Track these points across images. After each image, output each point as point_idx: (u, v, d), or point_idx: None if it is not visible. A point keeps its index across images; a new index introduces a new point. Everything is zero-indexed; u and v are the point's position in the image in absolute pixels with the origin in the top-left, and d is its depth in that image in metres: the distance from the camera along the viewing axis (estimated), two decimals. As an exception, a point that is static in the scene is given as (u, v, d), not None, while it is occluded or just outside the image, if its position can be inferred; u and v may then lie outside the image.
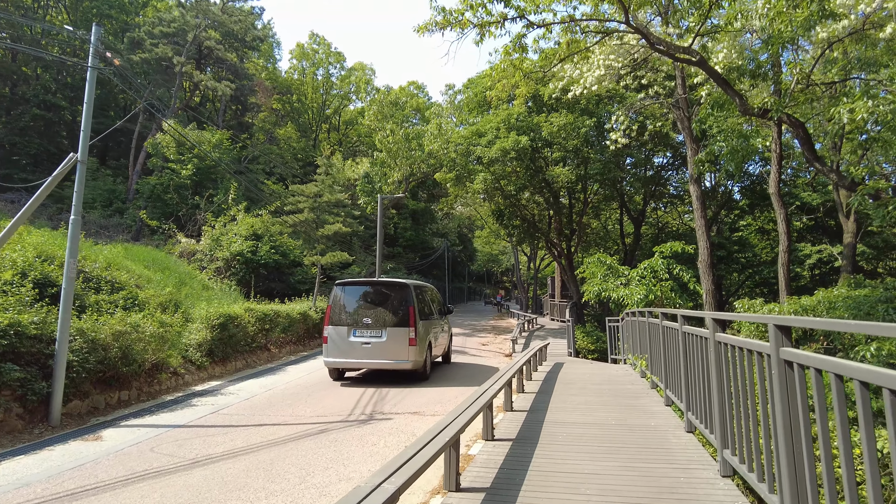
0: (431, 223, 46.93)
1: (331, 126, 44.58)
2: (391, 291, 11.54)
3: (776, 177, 14.35)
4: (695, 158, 10.42)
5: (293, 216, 18.96)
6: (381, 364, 10.77)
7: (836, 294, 11.51)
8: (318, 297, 20.31)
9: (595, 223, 32.16)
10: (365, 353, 10.72)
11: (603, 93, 21.54)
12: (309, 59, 41.97)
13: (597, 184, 24.81)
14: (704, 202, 17.92)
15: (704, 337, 5.19)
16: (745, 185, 28.72)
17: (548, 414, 6.92)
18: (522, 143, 20.19)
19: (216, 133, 27.27)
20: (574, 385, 9.40)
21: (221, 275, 21.55)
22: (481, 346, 20.38)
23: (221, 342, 12.54)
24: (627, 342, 13.15)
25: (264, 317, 14.83)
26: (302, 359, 15.22)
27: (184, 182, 25.63)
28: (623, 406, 7.46)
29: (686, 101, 17.72)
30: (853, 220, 18.99)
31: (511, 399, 7.35)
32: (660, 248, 15.12)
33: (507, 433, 5.96)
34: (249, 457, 5.99)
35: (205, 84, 28.83)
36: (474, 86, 24.82)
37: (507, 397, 7.29)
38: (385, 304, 11.27)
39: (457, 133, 22.27)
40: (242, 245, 21.27)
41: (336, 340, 10.97)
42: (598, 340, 21.10)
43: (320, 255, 18.65)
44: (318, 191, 19.24)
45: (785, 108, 8.68)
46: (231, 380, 11.59)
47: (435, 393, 9.93)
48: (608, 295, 15.84)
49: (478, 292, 73.45)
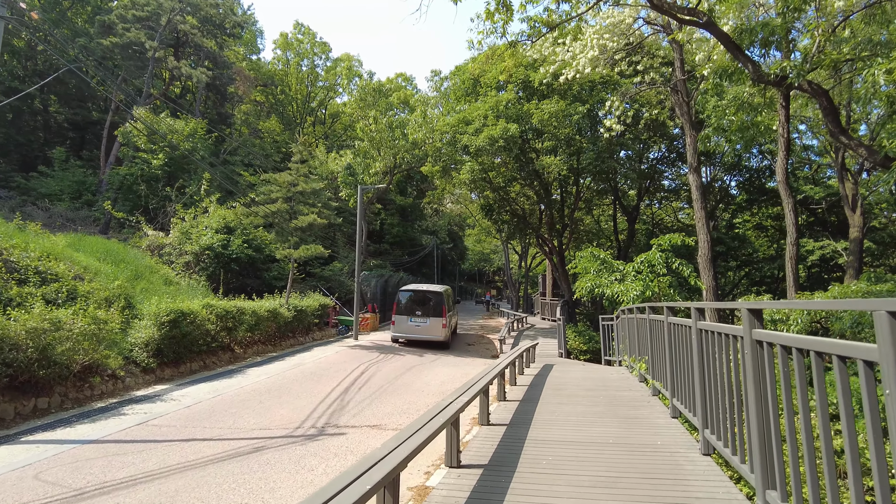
0: (420, 220, 45.66)
1: (316, 119, 43.13)
2: (432, 296, 18.48)
3: (783, 163, 13.24)
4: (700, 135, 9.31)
5: (265, 206, 17.63)
6: (425, 338, 17.88)
7: (854, 289, 10.43)
8: (291, 294, 19.02)
9: (588, 219, 31.05)
10: (417, 331, 18.00)
11: (597, 78, 20.45)
12: (293, 49, 40.53)
13: (589, 177, 23.68)
14: (705, 192, 16.83)
15: (731, 335, 3.99)
16: (742, 179, 27.74)
17: (532, 429, 5.72)
18: (511, 130, 19.00)
19: (190, 122, 25.86)
20: (564, 391, 8.22)
21: (190, 270, 20.22)
22: (468, 346, 19.20)
23: (173, 341, 11.24)
24: (623, 342, 12.00)
25: (226, 314, 13.53)
26: (269, 360, 13.94)
27: (155, 173, 24.22)
28: (621, 418, 6.28)
29: (685, 85, 16.63)
30: (860, 213, 17.95)
31: (488, 410, 6.14)
32: (657, 240, 13.98)
33: (479, 456, 4.75)
34: (152, 486, 4.74)
35: (179, 71, 27.38)
36: (461, 73, 23.59)
37: (484, 408, 6.08)
38: (428, 303, 18.35)
39: (442, 121, 21.02)
40: (213, 238, 19.94)
41: (399, 323, 18.28)
42: (591, 340, 19.98)
43: (293, 248, 17.32)
44: (292, 179, 17.90)
45: (807, 74, 7.54)
46: (181, 383, 10.31)
47: (403, 402, 8.72)
48: (602, 291, 14.67)
49: (469, 291, 72.18)
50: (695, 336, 4.81)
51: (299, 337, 18.12)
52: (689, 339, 5.11)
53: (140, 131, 24.31)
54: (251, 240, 20.90)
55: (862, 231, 17.96)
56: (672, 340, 6.17)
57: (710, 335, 4.44)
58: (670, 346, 6.23)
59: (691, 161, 16.03)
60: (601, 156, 20.52)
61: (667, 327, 6.32)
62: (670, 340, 6.22)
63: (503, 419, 6.21)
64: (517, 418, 6.27)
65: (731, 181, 27.89)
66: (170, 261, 20.31)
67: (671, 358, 6.17)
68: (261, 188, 18.49)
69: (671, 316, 6.31)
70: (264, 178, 18.73)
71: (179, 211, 21.48)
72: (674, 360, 6.09)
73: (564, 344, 17.41)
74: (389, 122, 21.52)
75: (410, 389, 9.55)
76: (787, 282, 13.13)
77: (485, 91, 21.86)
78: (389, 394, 9.17)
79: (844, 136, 7.62)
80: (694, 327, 4.84)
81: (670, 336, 6.23)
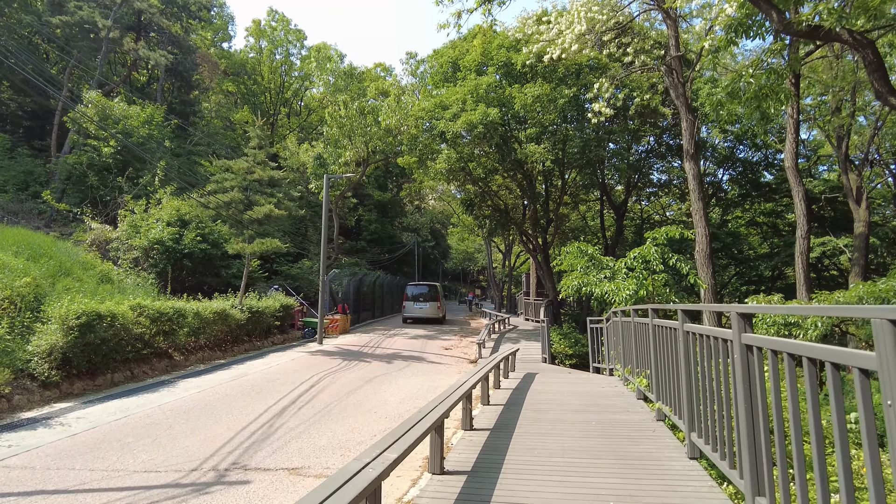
0: (401, 217, 43.90)
1: (291, 110, 41.10)
2: (430, 289, 26.12)
3: (793, 147, 11.85)
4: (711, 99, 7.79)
5: (215, 197, 15.84)
6: (427, 316, 25.24)
7: (883, 287, 9.00)
8: (249, 293, 17.25)
9: (573, 215, 29.62)
10: (420, 312, 25.17)
11: (584, 61, 18.97)
12: (267, 37, 38.47)
13: (575, 169, 22.19)
14: (702, 181, 15.43)
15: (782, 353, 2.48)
16: (734, 173, 26.51)
17: (501, 482, 4.11)
18: (492, 115, 17.41)
19: (147, 108, 23.89)
20: (547, 414, 6.63)
21: (139, 266, 18.34)
22: (443, 350, 17.56)
23: (87, 349, 9.47)
24: (615, 348, 10.48)
25: (160, 316, 11.74)
26: (212, 369, 12.19)
27: (106, 162, 22.23)
28: (621, 459, 4.71)
29: (680, 63, 15.18)
30: (865, 206, 16.69)
31: (442, 453, 4.52)
32: (652, 233, 12.45)
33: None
34: None
35: (137, 54, 25.34)
36: (439, 56, 21.96)
37: (436, 449, 4.45)
38: (427, 293, 25.83)
39: (417, 105, 19.34)
40: (163, 232, 18.07)
41: (408, 307, 25.37)
42: (577, 344, 18.50)
43: (248, 242, 15.55)
44: (248, 166, 16.13)
45: (847, 23, 6.05)
46: (89, 400, 8.55)
47: (345, 430, 7.08)
48: (590, 291, 13.11)
49: (453, 291, 70.51)
50: (738, 354, 3.26)
51: (256, 341, 16.36)
52: (729, 357, 3.58)
53: (90, 117, 22.30)
54: (207, 234, 19.05)
55: (867, 226, 16.70)
56: (690, 356, 4.63)
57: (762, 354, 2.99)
58: (687, 363, 4.68)
59: (687, 147, 14.63)
60: (588, 144, 19.02)
61: (682, 338, 4.77)
62: (688, 356, 4.68)
63: (463, 462, 4.59)
64: (483, 461, 4.66)
65: (724, 175, 26.64)
66: (116, 257, 18.43)
67: (689, 379, 4.63)
68: (213, 176, 16.66)
69: (688, 322, 4.76)
70: (217, 165, 16.92)
71: (129, 202, 19.55)
72: (693, 383, 4.55)
73: (549, 348, 15.90)
74: (361, 108, 19.79)
75: (361, 410, 7.89)
76: (797, 281, 11.74)
77: (464, 75, 20.26)
78: (333, 416, 7.51)
79: (894, 96, 6.14)
80: (737, 342, 3.28)
81: (688, 350, 4.69)
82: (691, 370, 4.59)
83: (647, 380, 6.76)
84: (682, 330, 4.78)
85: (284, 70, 39.42)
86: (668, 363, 5.48)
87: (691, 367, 4.60)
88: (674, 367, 5.26)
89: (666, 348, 5.61)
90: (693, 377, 4.56)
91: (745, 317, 3.30)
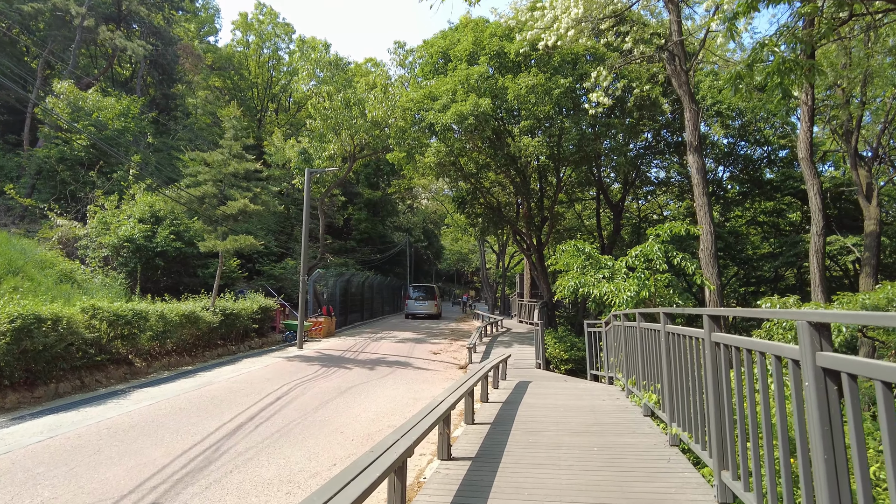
0: (392, 216, 42.84)
1: (280, 106, 39.95)
2: (428, 289, 31.35)
3: (807, 136, 10.93)
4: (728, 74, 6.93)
5: (186, 191, 14.79)
6: (425, 312, 30.21)
7: (917, 288, 8.07)
8: (222, 295, 16.20)
9: (569, 213, 28.70)
10: (421, 308, 30.36)
11: (580, 50, 18.06)
12: (254, 31, 37.37)
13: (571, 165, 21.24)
14: (706, 175, 14.51)
15: None
16: (735, 171, 25.66)
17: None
18: (483, 106, 16.45)
19: (123, 100, 22.77)
20: (541, 436, 5.65)
21: (108, 265, 17.26)
22: (431, 355, 16.57)
23: (22, 356, 8.43)
24: (616, 355, 9.53)
25: (117, 319, 10.68)
26: (176, 377, 11.15)
27: (78, 155, 21.11)
28: (635, 502, 3.73)
29: (682, 49, 14.28)
30: (876, 203, 15.83)
31: (402, 497, 3.52)
32: (655, 229, 11.49)
33: None
34: None
35: (113, 43, 24.21)
36: (429, 46, 20.97)
37: (394, 495, 3.45)
38: (426, 292, 31.14)
39: (405, 96, 18.33)
40: (133, 229, 16.99)
41: (410, 305, 30.64)
42: (573, 348, 17.56)
43: (221, 238, 14.50)
44: (223, 159, 15.08)
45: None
46: (19, 416, 7.50)
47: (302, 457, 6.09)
48: (587, 292, 12.16)
49: (447, 292, 69.39)
50: (812, 381, 2.28)
51: (231, 346, 15.31)
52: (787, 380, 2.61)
53: (51, 109, 21.16)
54: (182, 231, 17.99)
55: (878, 223, 15.84)
56: (721, 375, 3.65)
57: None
58: (717, 384, 3.70)
59: (691, 139, 13.73)
60: (585, 138, 18.08)
61: (709, 352, 3.79)
62: (718, 375, 3.70)
63: (434, 509, 3.60)
64: None
65: (725, 173, 25.78)
66: (85, 255, 17.34)
67: (719, 403, 3.66)
68: (186, 170, 15.61)
69: (717, 331, 3.78)
70: (191, 156, 15.86)
71: (100, 198, 18.46)
72: (725, 410, 3.58)
73: (543, 352, 14.97)
74: (346, 99, 18.77)
75: (326, 429, 6.87)
76: (812, 281, 10.81)
77: (455, 65, 19.27)
78: (292, 437, 6.49)
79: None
80: (809, 364, 2.30)
81: (718, 368, 3.71)
82: (723, 394, 3.65)
83: (658, 395, 5.80)
84: (710, 341, 3.80)
85: (272, 65, 38.35)
86: (688, 380, 4.51)
87: (723, 390, 3.65)
88: (695, 385, 4.29)
89: (684, 361, 4.64)
90: (725, 402, 3.62)
91: (820, 328, 2.34)
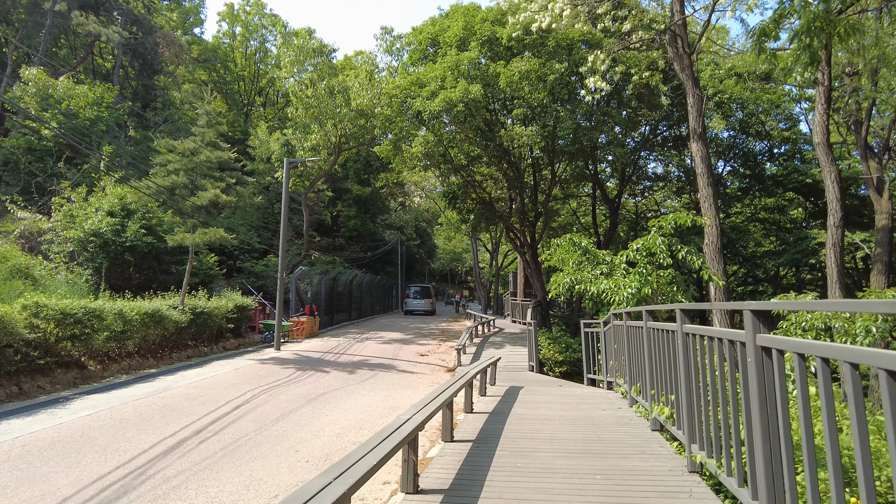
0: (383, 214, 41.77)
1: (267, 100, 38.84)
2: (424, 288, 35.81)
3: (823, 119, 10.04)
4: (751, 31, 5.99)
5: (155, 179, 13.76)
6: (422, 308, 34.11)
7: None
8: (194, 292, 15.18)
9: (564, 210, 27.79)
10: (418, 306, 34.26)
11: (576, 36, 17.13)
12: (241, 22, 36.28)
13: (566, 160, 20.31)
14: (711, 164, 13.64)
15: None
16: (736, 165, 24.83)
17: None
18: (473, 93, 15.50)
19: (97, 88, 21.67)
20: (532, 458, 4.69)
21: (75, 261, 16.19)
22: (418, 356, 15.61)
23: (-56, 361, 7.42)
24: (616, 358, 8.60)
25: (64, 318, 9.65)
26: (135, 380, 10.14)
27: (47, 146, 20.00)
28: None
29: (685, 29, 13.43)
30: (887, 196, 15.00)
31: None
32: (658, 221, 10.57)
33: None
34: None
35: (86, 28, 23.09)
36: (418, 33, 19.98)
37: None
38: (423, 291, 35.42)
39: (392, 83, 17.35)
40: (101, 222, 15.93)
41: (409, 302, 34.65)
42: (568, 349, 16.62)
43: (191, 231, 13.47)
44: (195, 147, 14.07)
45: None
46: (-68, 430, 6.48)
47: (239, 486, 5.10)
48: (584, 289, 11.23)
49: (441, 292, 68.39)
50: None
51: (203, 347, 14.30)
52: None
53: (31, 97, 20.06)
54: (154, 225, 16.93)
55: (891, 218, 15.00)
56: (774, 390, 2.71)
57: None
58: (763, 403, 2.76)
59: (695, 126, 12.86)
60: (581, 128, 17.16)
61: (754, 360, 2.85)
62: (763, 390, 2.76)
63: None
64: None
65: (725, 168, 24.93)
66: (49, 251, 16.27)
67: (766, 427, 2.71)
68: (156, 159, 14.58)
69: (764, 332, 2.84)
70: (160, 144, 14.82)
71: (66, 190, 17.37)
72: (778, 436, 2.63)
73: (536, 354, 14.04)
74: (330, 87, 17.77)
75: (280, 446, 5.88)
76: (829, 277, 9.93)
77: (444, 52, 18.31)
78: (237, 458, 5.49)
79: None
80: None
81: (763, 381, 2.77)
82: (778, 416, 2.71)
83: (671, 409, 4.86)
84: (755, 345, 2.86)
85: (259, 58, 37.25)
86: (716, 393, 3.57)
87: (778, 412, 2.70)
88: (724, 399, 3.35)
89: (710, 371, 3.69)
90: (781, 426, 2.68)
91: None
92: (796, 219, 25.41)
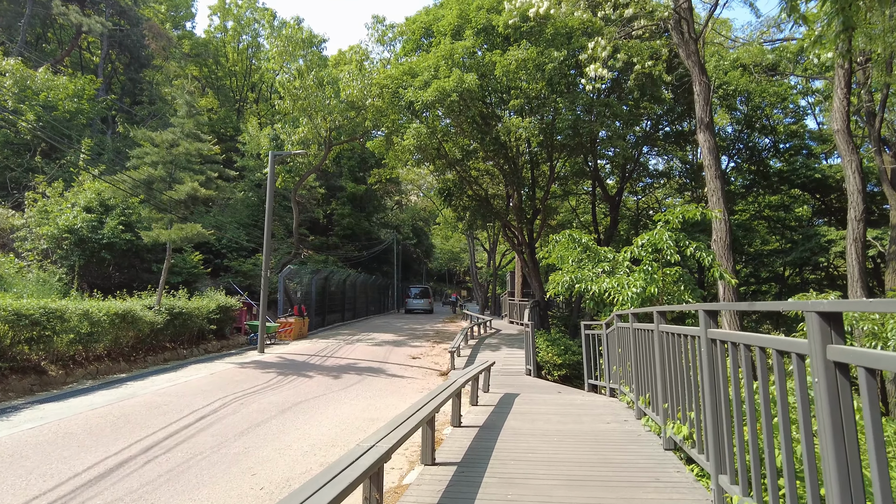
0: (379, 212, 40.98)
1: (259, 96, 38.05)
2: (423, 289, 38.92)
3: (843, 105, 9.31)
4: None
5: (129, 173, 12.99)
6: (421, 307, 36.96)
7: None
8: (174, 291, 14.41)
9: (563, 208, 27.06)
10: (417, 305, 37.20)
11: (575, 24, 16.39)
12: (233, 16, 35.48)
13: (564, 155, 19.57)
14: (718, 156, 12.89)
15: None
16: (740, 161, 24.12)
17: None
18: (468, 82, 14.76)
19: (77, 79, 20.88)
20: (526, 490, 3.93)
21: (49, 259, 15.41)
22: (409, 360, 14.84)
23: None
24: (621, 364, 7.85)
25: (18, 319, 8.86)
26: (100, 386, 9.36)
27: (24, 139, 19.21)
28: None
29: (691, 14, 12.72)
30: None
31: None
32: (664, 215, 9.81)
33: None
34: None
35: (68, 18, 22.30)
36: (411, 23, 19.22)
37: None
38: (423, 292, 38.54)
39: (383, 73, 16.60)
40: (76, 218, 15.15)
41: (409, 302, 37.53)
42: (567, 351, 15.91)
43: (167, 227, 12.70)
44: (174, 138, 13.31)
45: None
46: None
47: None
48: (585, 288, 10.47)
49: (439, 292, 67.63)
50: None
51: (182, 349, 13.52)
52: None
53: (8, 88, 19.26)
54: (134, 222, 16.16)
55: (906, 214, 14.27)
56: (837, 409, 1.96)
57: None
58: (838, 429, 2.01)
59: (702, 115, 12.15)
60: (580, 121, 16.42)
61: (824, 377, 2.09)
62: (838, 414, 2.02)
63: None
64: None
65: (729, 164, 24.19)
66: (21, 248, 15.49)
67: (842, 459, 1.96)
68: (133, 151, 13.80)
69: (836, 343, 2.09)
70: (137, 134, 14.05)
71: (41, 184, 16.59)
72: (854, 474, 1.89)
73: (534, 357, 13.28)
74: (319, 78, 17.01)
75: (237, 468, 5.11)
76: (850, 274, 9.18)
77: (438, 41, 17.57)
78: (185, 481, 4.73)
79: None
80: None
81: (836, 403, 2.03)
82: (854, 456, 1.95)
83: (690, 428, 4.10)
84: (824, 360, 2.10)
85: (252, 53, 36.46)
86: (758, 416, 2.82)
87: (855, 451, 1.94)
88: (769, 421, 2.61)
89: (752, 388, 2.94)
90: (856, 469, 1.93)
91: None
92: (801, 217, 24.69)
